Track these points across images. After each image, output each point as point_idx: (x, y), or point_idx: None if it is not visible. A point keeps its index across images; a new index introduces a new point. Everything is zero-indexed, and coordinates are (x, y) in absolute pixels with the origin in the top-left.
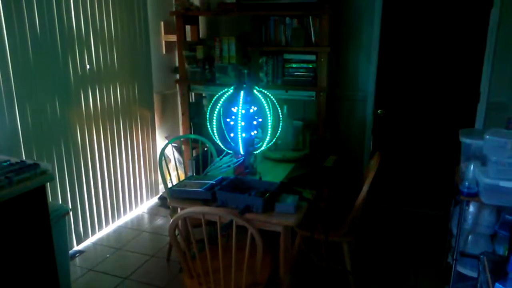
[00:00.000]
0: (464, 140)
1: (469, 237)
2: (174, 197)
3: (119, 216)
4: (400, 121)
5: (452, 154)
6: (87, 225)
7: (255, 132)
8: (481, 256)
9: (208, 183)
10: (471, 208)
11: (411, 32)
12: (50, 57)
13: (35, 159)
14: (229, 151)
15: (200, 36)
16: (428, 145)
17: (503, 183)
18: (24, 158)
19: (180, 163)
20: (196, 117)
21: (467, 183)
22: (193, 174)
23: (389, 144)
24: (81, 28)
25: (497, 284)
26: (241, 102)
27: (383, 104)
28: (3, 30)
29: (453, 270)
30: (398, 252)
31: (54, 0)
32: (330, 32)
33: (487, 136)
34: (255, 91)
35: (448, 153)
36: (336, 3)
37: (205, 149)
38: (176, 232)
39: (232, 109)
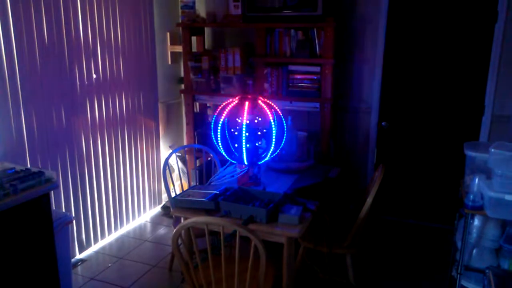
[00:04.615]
0: (469, 153)
1: (474, 250)
2: (177, 206)
3: (121, 225)
4: (404, 133)
5: (457, 167)
6: (90, 233)
7: (260, 142)
8: (487, 271)
9: (212, 193)
10: (476, 222)
11: (416, 45)
12: (57, 66)
13: (40, 167)
14: (233, 161)
15: (206, 47)
16: (432, 157)
17: (508, 197)
18: (29, 166)
19: (183, 172)
20: (200, 127)
21: (471, 196)
22: (196, 184)
23: (393, 156)
24: (88, 38)
25: None
26: (245, 112)
27: (387, 116)
28: (11, 38)
29: (457, 284)
30: (401, 265)
31: (62, 10)
32: (334, 44)
33: (493, 150)
34: (259, 101)
35: (453, 166)
36: (341, 16)
37: (209, 159)
38: (179, 241)
39: (237, 119)
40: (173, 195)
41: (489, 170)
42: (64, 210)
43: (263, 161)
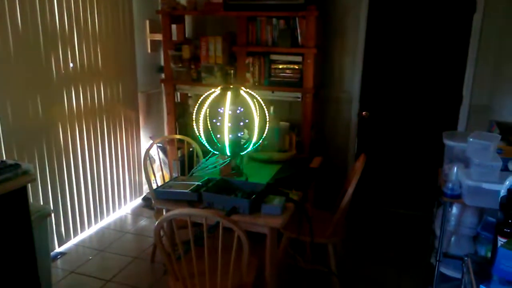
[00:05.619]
0: (448, 142)
1: (452, 238)
2: (159, 198)
3: (102, 217)
4: (384, 123)
5: (436, 156)
6: (69, 226)
7: (242, 133)
8: (465, 258)
9: (194, 184)
10: (454, 210)
11: (396, 35)
12: (32, 55)
13: (16, 159)
14: (215, 152)
15: (186, 35)
16: (412, 146)
17: (485, 185)
18: (4, 158)
19: (165, 163)
20: (181, 117)
21: (450, 185)
22: (178, 175)
23: (374, 145)
24: (65, 25)
25: (481, 286)
26: (227, 102)
27: (368, 105)
28: None
29: (436, 271)
30: (382, 253)
31: None
32: (316, 33)
33: (471, 139)
34: (241, 91)
35: (432, 155)
36: (323, 5)
37: (191, 149)
38: (161, 233)
39: (219, 109)
40: (154, 186)
41: (467, 159)
42: (42, 203)
43: (245, 152)
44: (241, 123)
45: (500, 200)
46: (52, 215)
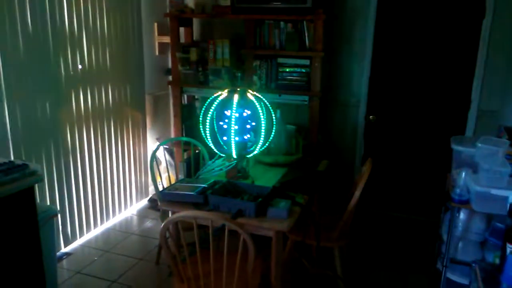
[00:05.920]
0: (456, 147)
1: (459, 244)
2: (165, 200)
3: (107, 218)
4: (392, 127)
5: (444, 160)
6: (75, 226)
7: (248, 135)
8: (473, 265)
9: (200, 186)
10: (462, 215)
11: (404, 40)
12: (41, 56)
13: (24, 159)
14: (221, 154)
15: (194, 38)
16: (419, 151)
17: (494, 191)
18: (12, 158)
19: (171, 165)
20: (188, 119)
21: (458, 190)
22: (184, 177)
23: (381, 149)
24: (74, 27)
25: None
26: (234, 105)
27: (375, 109)
28: None
29: (442, 276)
30: (388, 258)
31: None
32: (324, 37)
33: (479, 144)
34: (248, 94)
35: (439, 159)
36: (330, 9)
37: (197, 151)
38: (167, 235)
39: (226, 112)
40: (160, 188)
41: (476, 164)
42: (49, 203)
43: (251, 155)
44: (248, 126)
45: (510, 206)
46: (59, 215)
